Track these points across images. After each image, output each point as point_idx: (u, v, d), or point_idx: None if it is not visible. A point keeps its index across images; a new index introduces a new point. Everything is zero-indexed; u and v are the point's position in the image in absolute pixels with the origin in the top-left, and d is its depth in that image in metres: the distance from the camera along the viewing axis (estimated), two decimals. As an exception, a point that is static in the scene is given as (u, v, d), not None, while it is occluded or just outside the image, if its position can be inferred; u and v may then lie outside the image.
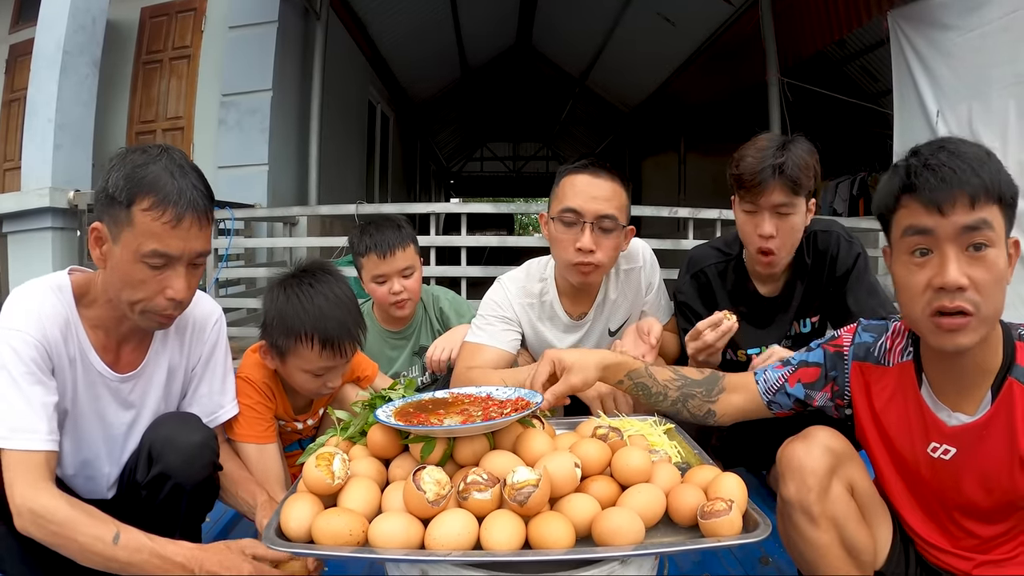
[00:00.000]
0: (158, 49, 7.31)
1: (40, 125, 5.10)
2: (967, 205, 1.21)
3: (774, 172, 2.02)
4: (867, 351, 1.53)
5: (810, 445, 1.44)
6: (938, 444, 1.40)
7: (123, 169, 1.48)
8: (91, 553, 1.40)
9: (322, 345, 1.86)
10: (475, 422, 1.42)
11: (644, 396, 1.72)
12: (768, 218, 2.07)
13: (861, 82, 9.50)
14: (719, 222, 5.23)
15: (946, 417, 1.39)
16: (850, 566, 1.44)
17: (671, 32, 9.98)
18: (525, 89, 16.63)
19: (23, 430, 1.43)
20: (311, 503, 1.33)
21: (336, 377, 1.98)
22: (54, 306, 1.54)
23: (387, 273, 2.55)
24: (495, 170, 25.34)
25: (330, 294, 1.91)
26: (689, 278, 2.36)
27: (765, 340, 2.28)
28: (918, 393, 1.43)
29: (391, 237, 2.55)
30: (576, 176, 2.18)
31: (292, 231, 6.45)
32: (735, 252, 2.33)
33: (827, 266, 2.23)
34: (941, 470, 1.41)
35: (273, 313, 1.91)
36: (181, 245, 1.49)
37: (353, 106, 9.69)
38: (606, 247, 2.17)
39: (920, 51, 5.38)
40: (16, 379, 1.45)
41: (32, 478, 1.41)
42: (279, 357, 1.94)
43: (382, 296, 2.58)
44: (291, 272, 1.98)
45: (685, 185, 13.96)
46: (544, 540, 1.23)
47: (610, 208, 2.14)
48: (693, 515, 1.34)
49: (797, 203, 2.07)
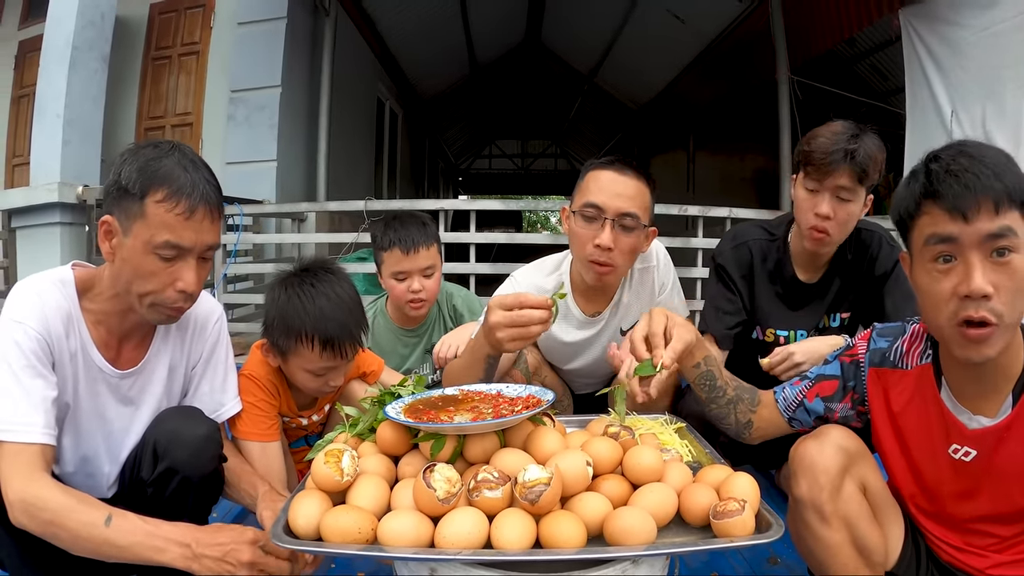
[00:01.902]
0: (167, 45, 7.34)
1: (49, 120, 5.12)
2: (991, 211, 1.19)
3: (845, 156, 2.04)
4: (883, 356, 1.52)
5: (823, 444, 1.43)
6: (959, 446, 1.39)
7: (136, 162, 1.48)
8: (84, 540, 1.39)
9: (322, 346, 1.86)
10: (486, 419, 1.40)
11: (706, 388, 1.70)
12: (828, 199, 2.09)
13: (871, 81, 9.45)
14: (729, 220, 5.21)
15: (967, 420, 1.38)
16: (861, 566, 1.42)
17: (681, 29, 9.93)
18: (534, 86, 16.61)
19: (20, 423, 1.42)
20: (320, 500, 1.32)
21: (338, 376, 1.97)
22: (57, 300, 1.53)
23: (408, 270, 2.52)
24: (503, 167, 25.31)
25: (332, 294, 1.90)
26: (732, 248, 2.37)
27: (796, 323, 2.31)
28: (938, 396, 1.42)
29: (416, 234, 2.53)
30: (601, 172, 2.16)
31: (300, 227, 6.46)
32: (780, 234, 2.34)
33: (866, 264, 2.25)
34: (962, 472, 1.40)
35: (274, 312, 1.91)
36: (193, 237, 1.50)
37: (362, 103, 9.70)
38: (625, 246, 2.14)
39: (932, 50, 5.33)
40: (16, 372, 1.44)
41: (28, 470, 1.40)
42: (280, 356, 1.94)
43: (400, 293, 2.55)
44: (293, 271, 1.97)
45: (694, 183, 13.91)
46: (555, 539, 1.22)
47: (633, 207, 2.11)
48: (705, 515, 1.33)
49: (859, 192, 2.09)
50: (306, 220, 6.52)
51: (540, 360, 2.50)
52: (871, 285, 2.26)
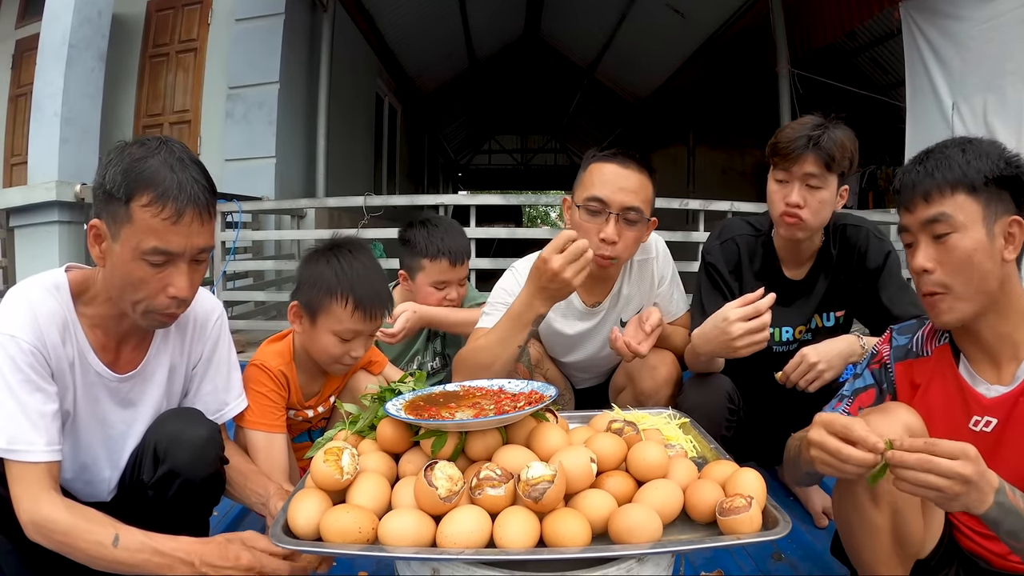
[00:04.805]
0: (165, 42, 7.31)
1: (46, 119, 5.09)
2: (923, 202, 1.41)
3: (809, 143, 2.04)
4: (906, 351, 1.60)
5: (892, 421, 1.40)
6: (979, 417, 1.45)
7: (121, 164, 1.42)
8: (96, 558, 1.40)
9: (355, 305, 1.93)
10: (488, 416, 1.39)
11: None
12: (798, 188, 2.08)
13: (872, 74, 9.44)
14: (730, 214, 5.19)
15: (984, 390, 1.45)
16: (893, 555, 1.46)
17: (680, 23, 9.91)
18: (533, 81, 16.59)
19: (21, 442, 1.40)
20: (319, 499, 1.31)
21: (360, 347, 2.00)
22: (50, 307, 1.49)
23: (451, 280, 2.58)
24: (503, 163, 25.26)
25: (368, 262, 2.01)
26: (719, 243, 2.36)
27: (783, 320, 2.29)
28: (956, 371, 1.50)
29: (463, 245, 2.58)
30: (604, 165, 2.17)
31: (300, 224, 6.44)
32: (765, 230, 2.33)
33: (855, 260, 2.24)
34: (982, 444, 1.40)
35: (308, 275, 1.99)
36: (182, 242, 1.44)
37: (360, 98, 9.68)
38: (629, 239, 2.17)
39: (933, 42, 5.31)
40: (13, 387, 1.41)
41: (34, 490, 1.40)
42: (310, 317, 1.98)
43: (435, 300, 2.59)
44: (331, 242, 2.07)
45: (694, 177, 13.92)
46: (559, 538, 1.21)
47: (636, 200, 2.13)
48: (711, 511, 1.31)
49: (829, 179, 2.08)
50: (305, 216, 6.50)
51: (542, 353, 2.50)
52: (864, 280, 2.24)
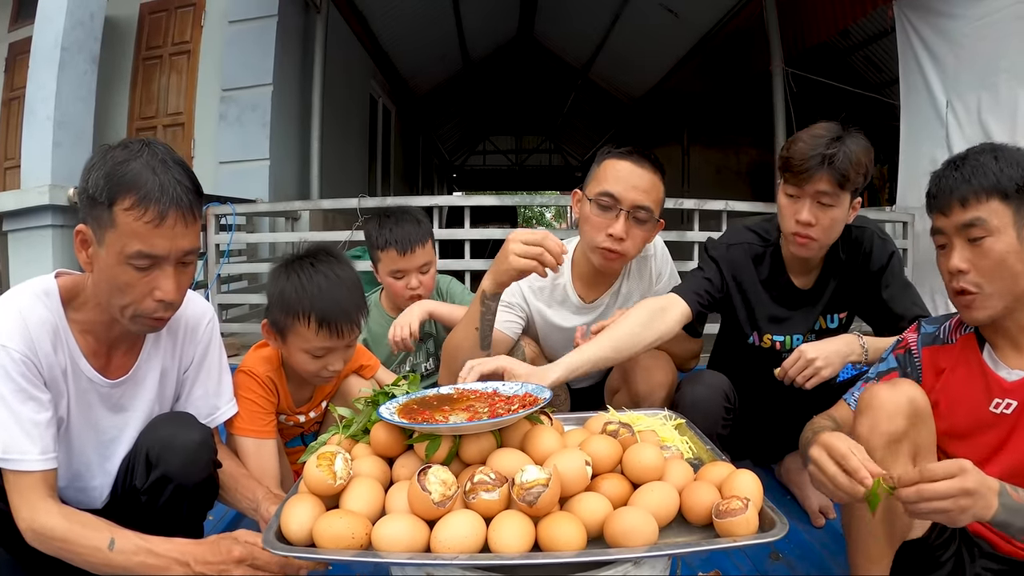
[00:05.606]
0: (158, 45, 7.27)
1: (39, 122, 5.06)
2: (960, 207, 1.50)
3: (823, 162, 1.98)
4: (934, 337, 1.69)
5: (897, 394, 1.49)
6: (1000, 399, 1.52)
7: (103, 168, 1.42)
8: (94, 562, 1.41)
9: (319, 324, 1.86)
10: (481, 419, 1.38)
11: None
12: (809, 206, 2.04)
13: (866, 72, 9.45)
14: (725, 214, 5.18)
15: (1006, 374, 1.53)
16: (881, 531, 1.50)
17: (674, 23, 9.91)
18: (527, 82, 16.58)
19: (15, 451, 1.41)
20: (312, 504, 1.30)
21: (337, 360, 1.95)
22: (40, 314, 1.49)
23: (406, 269, 2.58)
24: (498, 163, 25.26)
25: (331, 275, 1.91)
26: (726, 246, 2.32)
27: (792, 328, 2.30)
28: (980, 357, 1.58)
29: (412, 233, 2.56)
30: (620, 162, 2.20)
31: (294, 226, 6.43)
32: (773, 239, 2.30)
33: (860, 262, 2.23)
34: (1003, 425, 1.52)
35: (274, 291, 1.92)
36: (167, 244, 1.44)
37: (354, 100, 9.66)
38: (636, 238, 2.19)
39: (927, 40, 5.31)
40: (5, 397, 1.41)
41: (31, 498, 1.42)
42: (280, 337, 1.94)
43: (399, 291, 2.61)
44: (296, 255, 1.98)
45: (688, 177, 13.94)
46: (554, 542, 1.20)
47: (647, 200, 2.16)
48: (707, 513, 1.31)
49: (841, 197, 2.03)
50: (300, 219, 6.49)
51: (537, 352, 2.49)
52: (867, 281, 2.24)
